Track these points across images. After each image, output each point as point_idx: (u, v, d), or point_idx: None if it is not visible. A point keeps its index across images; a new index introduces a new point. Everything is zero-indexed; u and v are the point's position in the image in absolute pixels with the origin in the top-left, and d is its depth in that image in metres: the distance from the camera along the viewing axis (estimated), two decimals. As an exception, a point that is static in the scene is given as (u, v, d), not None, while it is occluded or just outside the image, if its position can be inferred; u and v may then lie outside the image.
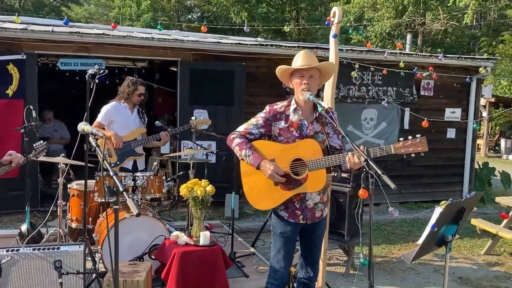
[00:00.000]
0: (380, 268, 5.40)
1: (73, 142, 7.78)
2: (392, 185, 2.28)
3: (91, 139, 2.73)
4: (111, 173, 2.23)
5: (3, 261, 3.63)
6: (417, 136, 2.65)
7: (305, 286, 3.43)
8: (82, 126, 2.84)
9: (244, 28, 5.68)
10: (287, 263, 3.26)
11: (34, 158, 3.29)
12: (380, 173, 2.32)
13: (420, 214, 8.04)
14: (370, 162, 2.45)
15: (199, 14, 32.34)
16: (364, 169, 2.47)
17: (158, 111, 10.14)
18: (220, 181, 4.55)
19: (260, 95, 7.69)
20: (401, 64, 7.14)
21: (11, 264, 3.62)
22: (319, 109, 2.91)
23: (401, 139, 2.62)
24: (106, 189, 2.05)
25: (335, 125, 2.73)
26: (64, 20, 6.01)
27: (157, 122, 5.40)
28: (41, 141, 3.47)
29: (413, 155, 2.65)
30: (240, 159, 3.19)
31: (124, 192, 2.07)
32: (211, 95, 7.35)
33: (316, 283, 4.18)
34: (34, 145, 3.38)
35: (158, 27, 6.20)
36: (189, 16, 32.56)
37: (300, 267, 3.44)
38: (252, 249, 5.50)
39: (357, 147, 2.61)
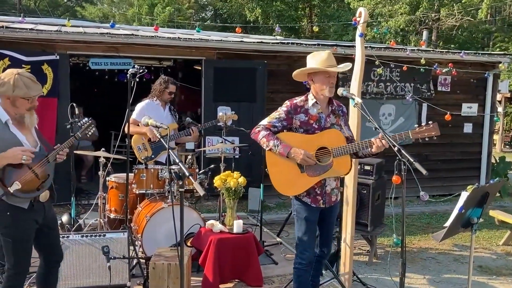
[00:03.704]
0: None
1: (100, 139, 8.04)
2: (424, 171, 2.52)
3: (155, 131, 3.00)
4: (177, 160, 2.49)
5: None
6: (429, 122, 3.02)
7: (318, 262, 3.77)
8: (146, 120, 3.12)
9: (276, 28, 5.94)
10: (312, 244, 3.57)
11: (82, 135, 3.28)
12: (412, 160, 2.57)
13: (438, 207, 8.24)
14: (402, 150, 2.69)
15: (212, 12, 32.64)
16: (397, 157, 2.71)
17: (181, 108, 10.42)
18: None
19: (281, 92, 7.91)
20: (423, 61, 7.33)
21: (63, 249, 3.91)
22: (352, 103, 3.15)
23: (415, 125, 2.98)
24: (173, 174, 2.30)
25: (369, 118, 2.97)
26: (110, 23, 6.33)
27: (187, 118, 5.66)
28: (86, 118, 3.35)
29: (427, 139, 3.01)
30: (267, 150, 3.44)
31: (190, 177, 2.32)
32: (234, 93, 7.61)
33: (343, 268, 4.46)
34: (79, 123, 3.31)
35: (196, 29, 6.46)
36: (203, 15, 32.85)
37: (315, 246, 3.73)
38: (278, 239, 5.76)
39: (388, 136, 2.87)
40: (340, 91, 3.25)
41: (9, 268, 3.07)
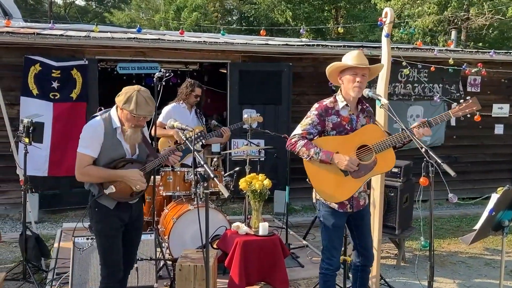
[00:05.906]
0: (431, 261, 5.50)
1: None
2: (452, 173, 2.46)
3: (180, 133, 3.05)
4: (202, 162, 2.51)
5: (85, 248, 4.01)
6: (468, 98, 2.95)
7: (362, 271, 3.66)
8: (172, 123, 3.16)
9: (301, 30, 5.94)
10: (339, 249, 3.52)
11: (185, 147, 3.33)
12: (440, 162, 2.52)
13: (468, 209, 8.06)
14: (430, 151, 2.64)
15: (238, 15, 32.79)
16: (425, 159, 2.66)
17: (207, 111, 10.49)
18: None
19: (306, 94, 7.89)
20: (451, 61, 7.18)
21: (91, 251, 3.99)
22: (378, 104, 3.11)
23: (454, 104, 2.91)
24: (198, 176, 2.32)
25: (395, 119, 2.93)
26: (137, 28, 6.45)
27: (213, 121, 5.70)
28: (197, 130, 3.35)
29: (468, 115, 2.97)
30: (308, 159, 3.27)
31: (214, 178, 2.33)
32: (260, 95, 7.62)
33: (370, 272, 4.39)
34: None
35: (221, 32, 6.52)
36: (229, 18, 33.02)
37: (356, 255, 3.64)
38: (304, 242, 5.73)
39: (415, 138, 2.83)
40: (366, 92, 3.19)
41: (102, 270, 3.17)
